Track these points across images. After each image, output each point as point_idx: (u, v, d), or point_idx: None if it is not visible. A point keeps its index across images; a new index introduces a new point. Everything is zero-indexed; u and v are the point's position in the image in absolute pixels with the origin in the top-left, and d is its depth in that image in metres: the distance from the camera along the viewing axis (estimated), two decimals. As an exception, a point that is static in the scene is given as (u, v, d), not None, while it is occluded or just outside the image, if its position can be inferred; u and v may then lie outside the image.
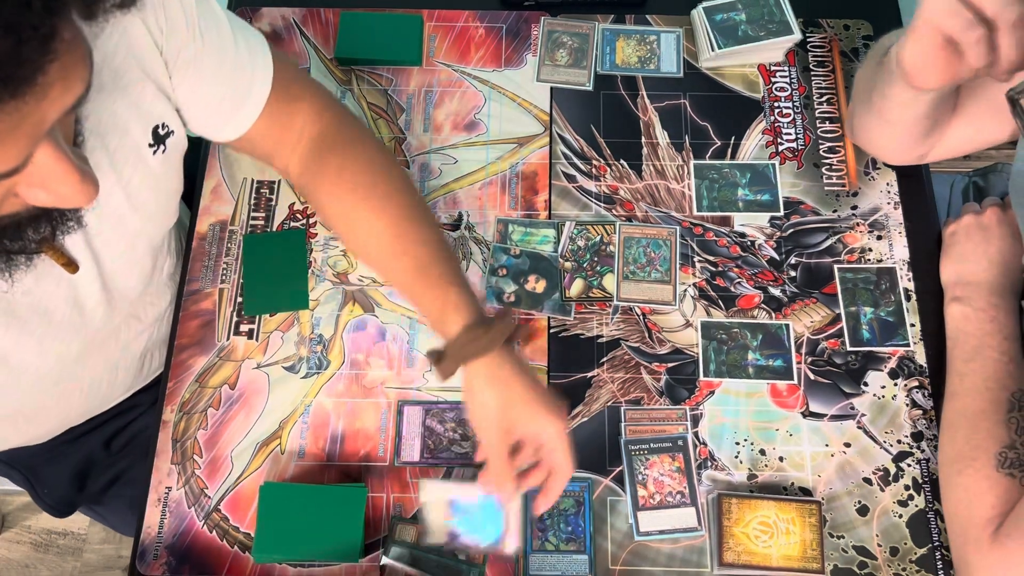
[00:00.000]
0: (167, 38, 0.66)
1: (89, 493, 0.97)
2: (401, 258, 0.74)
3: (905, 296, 0.85)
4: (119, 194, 0.67)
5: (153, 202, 0.71)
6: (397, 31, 0.97)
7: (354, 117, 0.82)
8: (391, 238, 0.75)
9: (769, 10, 0.95)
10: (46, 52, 0.42)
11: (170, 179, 0.73)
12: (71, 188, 0.49)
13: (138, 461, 0.94)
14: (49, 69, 0.42)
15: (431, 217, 0.79)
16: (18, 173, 0.46)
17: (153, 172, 0.69)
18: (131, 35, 0.63)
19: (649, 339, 0.84)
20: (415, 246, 0.75)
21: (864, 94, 0.82)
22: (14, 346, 0.64)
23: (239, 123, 0.75)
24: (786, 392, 0.82)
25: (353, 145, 0.79)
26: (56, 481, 0.94)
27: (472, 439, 0.80)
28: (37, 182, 0.48)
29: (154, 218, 0.73)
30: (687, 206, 0.90)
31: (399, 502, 0.78)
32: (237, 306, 0.86)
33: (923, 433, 0.80)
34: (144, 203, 0.70)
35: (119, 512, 0.99)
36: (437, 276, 0.73)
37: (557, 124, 0.95)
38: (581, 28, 0.99)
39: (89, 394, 0.84)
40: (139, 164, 0.67)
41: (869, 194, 0.91)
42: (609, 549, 0.76)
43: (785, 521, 0.75)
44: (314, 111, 0.79)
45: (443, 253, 0.76)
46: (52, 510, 0.97)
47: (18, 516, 1.57)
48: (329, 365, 0.83)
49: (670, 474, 0.78)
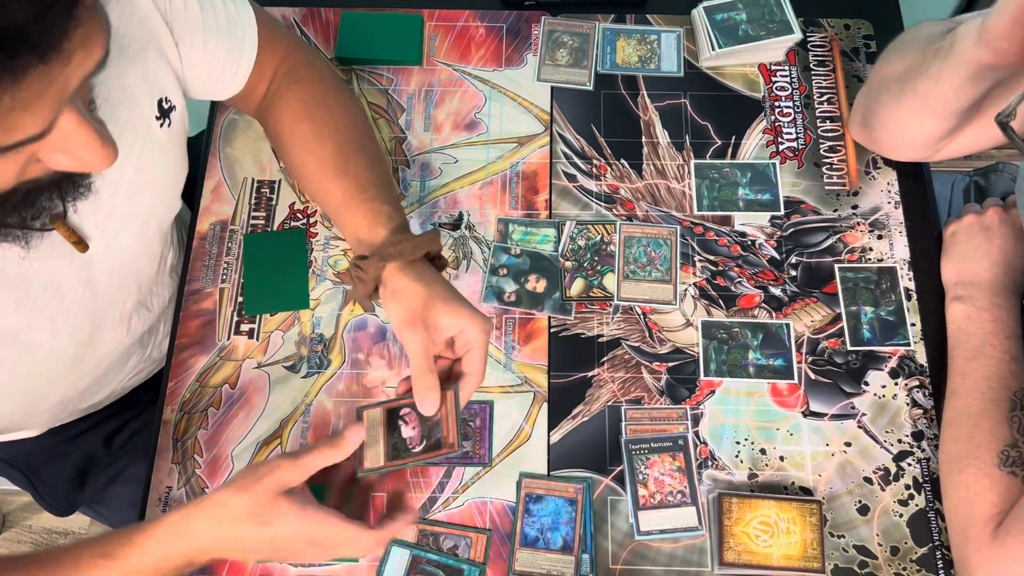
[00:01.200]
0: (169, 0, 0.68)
1: (89, 492, 0.97)
2: (341, 179, 0.76)
3: (906, 295, 0.85)
4: (131, 168, 0.68)
5: (162, 179, 0.72)
6: (397, 31, 0.97)
7: (324, 60, 0.85)
8: (335, 161, 0.77)
9: (769, 9, 0.95)
10: (71, 18, 0.43)
11: (176, 157, 0.74)
12: (93, 153, 0.50)
13: (138, 460, 0.94)
14: (73, 35, 0.44)
15: (381, 156, 0.82)
16: (43, 138, 0.47)
17: (162, 147, 0.70)
18: (135, 1, 0.65)
19: (649, 338, 0.84)
20: (359, 170, 0.77)
21: (895, 85, 0.81)
22: (26, 324, 0.65)
23: (241, 73, 0.78)
24: (786, 392, 0.82)
25: (317, 83, 0.81)
26: (57, 480, 0.94)
27: (472, 438, 0.80)
28: (60, 147, 0.49)
29: (164, 196, 0.74)
30: (688, 205, 0.90)
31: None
32: (238, 306, 0.86)
33: (924, 432, 0.80)
34: (154, 179, 0.71)
35: (119, 511, 0.99)
36: (373, 197, 0.75)
37: (557, 123, 0.95)
38: (581, 28, 0.99)
39: (101, 379, 0.85)
40: (148, 138, 0.68)
41: (870, 193, 0.90)
42: (609, 549, 0.76)
43: (786, 521, 0.75)
44: (288, 51, 0.82)
45: (386, 182, 0.78)
46: (53, 509, 0.97)
47: (19, 516, 1.57)
48: (330, 364, 0.83)
49: (670, 473, 0.78)
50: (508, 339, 0.84)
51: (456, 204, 0.91)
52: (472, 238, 0.89)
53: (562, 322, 0.85)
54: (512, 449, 0.80)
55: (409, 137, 0.94)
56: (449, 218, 0.90)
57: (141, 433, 0.95)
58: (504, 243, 0.88)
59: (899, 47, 0.83)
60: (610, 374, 0.83)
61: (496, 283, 0.86)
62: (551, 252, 0.88)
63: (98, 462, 0.95)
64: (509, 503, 0.77)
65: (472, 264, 0.88)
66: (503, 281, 0.86)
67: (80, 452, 0.93)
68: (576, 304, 0.86)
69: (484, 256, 0.88)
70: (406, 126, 0.95)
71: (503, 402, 0.81)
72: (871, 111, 0.86)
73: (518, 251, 0.88)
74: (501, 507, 0.77)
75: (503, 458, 0.79)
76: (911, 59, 0.79)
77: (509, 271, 0.87)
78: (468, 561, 0.74)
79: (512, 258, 0.87)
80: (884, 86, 0.83)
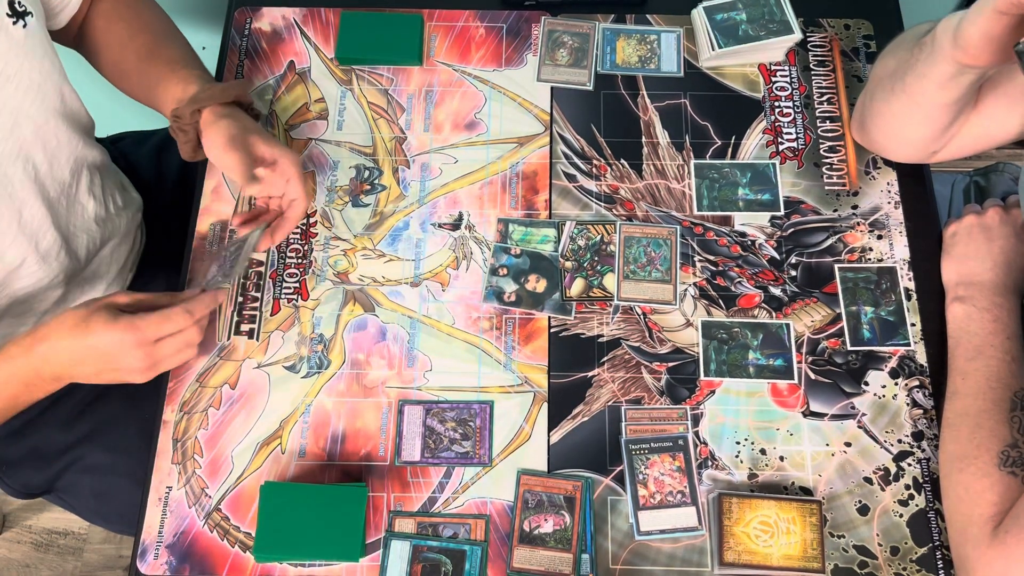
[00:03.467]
0: None
1: (48, 475, 0.96)
2: (155, 62, 0.86)
3: (906, 295, 0.85)
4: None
5: (27, 77, 0.76)
6: (397, 31, 0.97)
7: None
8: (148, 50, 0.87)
9: (769, 9, 0.95)
10: None
11: (42, 59, 0.78)
12: None
13: (98, 450, 0.94)
14: None
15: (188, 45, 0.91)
16: None
17: (18, 43, 0.74)
18: None
19: (649, 338, 0.84)
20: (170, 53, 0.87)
21: (887, 82, 0.81)
22: None
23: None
24: (787, 392, 0.82)
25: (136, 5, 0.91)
26: (13, 458, 0.95)
27: (472, 438, 0.80)
28: None
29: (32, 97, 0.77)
30: (687, 205, 0.90)
31: (399, 501, 0.78)
32: (237, 306, 0.86)
33: (924, 432, 0.80)
34: (16, 73, 0.75)
35: (83, 499, 0.99)
36: (184, 67, 0.85)
37: (557, 124, 0.95)
38: (581, 28, 0.99)
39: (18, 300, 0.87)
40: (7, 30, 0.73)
41: (870, 194, 0.90)
42: (610, 549, 0.76)
43: (786, 521, 0.75)
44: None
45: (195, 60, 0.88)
46: (10, 490, 0.98)
47: (19, 516, 1.57)
48: (330, 365, 0.83)
49: (670, 473, 0.78)
50: (508, 339, 0.84)
51: (456, 204, 0.91)
52: (472, 238, 0.89)
53: (562, 322, 0.85)
54: (512, 449, 0.80)
55: (409, 137, 0.94)
56: (449, 218, 0.90)
57: (109, 425, 0.95)
58: (504, 243, 0.88)
59: (893, 47, 0.84)
60: (610, 374, 0.83)
61: (496, 283, 0.86)
62: (551, 252, 0.88)
63: (57, 445, 0.95)
64: (509, 503, 0.77)
65: (472, 264, 0.88)
66: (503, 281, 0.86)
67: (39, 434, 0.93)
68: (576, 304, 0.86)
69: (484, 256, 0.88)
70: (406, 126, 0.95)
71: (503, 402, 0.81)
72: (867, 110, 0.86)
73: (518, 251, 0.88)
74: (501, 507, 0.77)
75: (503, 458, 0.79)
76: (902, 55, 0.80)
77: (509, 271, 0.87)
78: (469, 541, 0.74)
79: (512, 258, 0.87)
80: (879, 85, 0.84)
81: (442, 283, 0.87)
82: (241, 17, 1.01)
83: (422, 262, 0.88)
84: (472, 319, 0.85)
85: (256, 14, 1.01)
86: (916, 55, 0.77)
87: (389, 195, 0.91)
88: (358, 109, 0.96)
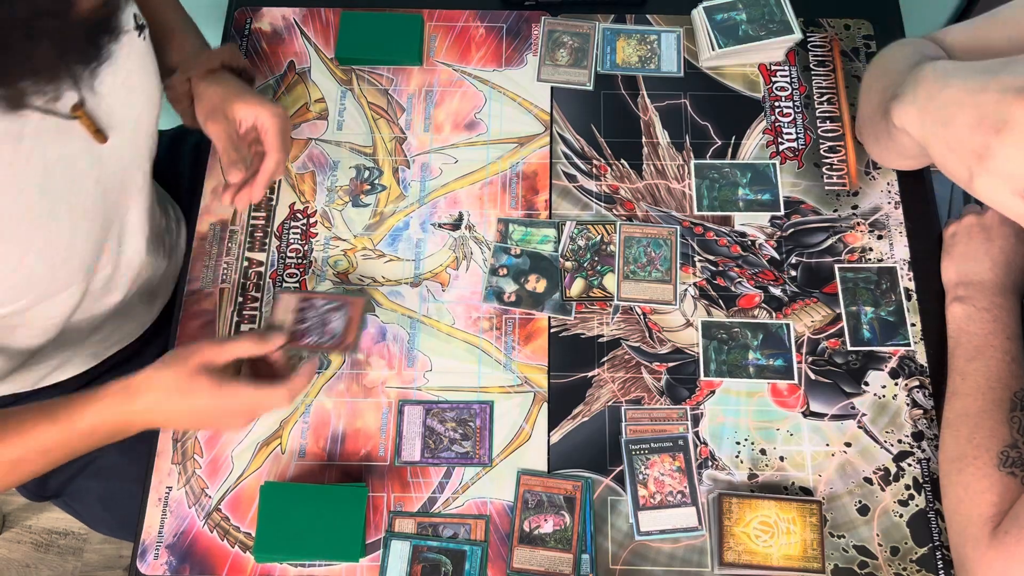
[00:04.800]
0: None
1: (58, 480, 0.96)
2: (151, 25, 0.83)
3: (906, 296, 0.85)
4: (122, 72, 0.72)
5: (147, 86, 0.77)
6: (397, 31, 0.97)
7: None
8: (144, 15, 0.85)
9: (770, 10, 0.95)
10: None
11: (154, 72, 0.79)
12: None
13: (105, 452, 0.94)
14: None
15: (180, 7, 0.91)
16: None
17: (144, 54, 0.76)
18: None
19: (649, 339, 0.84)
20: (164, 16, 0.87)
21: (869, 121, 0.82)
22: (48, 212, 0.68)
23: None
24: (787, 392, 0.82)
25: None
26: None
27: (472, 438, 0.80)
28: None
29: (147, 106, 0.78)
30: (688, 206, 0.90)
31: (399, 501, 0.78)
32: (237, 306, 0.86)
33: (924, 433, 0.80)
34: (139, 84, 0.75)
35: (89, 505, 0.98)
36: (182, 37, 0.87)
37: (557, 124, 0.95)
38: (581, 28, 0.99)
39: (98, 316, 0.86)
40: (132, 44, 0.74)
41: (870, 194, 0.90)
42: (610, 549, 0.76)
43: (786, 521, 0.75)
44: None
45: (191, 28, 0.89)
46: (32, 494, 0.97)
47: (19, 516, 1.57)
48: (330, 365, 0.83)
49: (671, 474, 0.78)
50: (508, 339, 0.84)
51: (456, 204, 0.91)
52: (472, 238, 0.89)
53: (562, 322, 0.85)
54: (512, 449, 0.80)
55: (409, 137, 0.94)
56: (449, 218, 0.90)
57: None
58: (504, 243, 0.88)
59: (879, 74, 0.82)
60: (610, 374, 0.83)
61: (496, 283, 0.86)
62: (551, 252, 0.88)
63: None
64: (509, 503, 0.77)
65: (472, 264, 0.88)
66: (503, 281, 0.86)
67: None
68: (576, 304, 0.86)
69: (484, 256, 0.88)
70: (406, 126, 0.95)
71: (503, 402, 0.82)
72: (864, 127, 0.87)
73: (518, 251, 0.88)
74: (501, 507, 0.78)
75: (503, 458, 0.79)
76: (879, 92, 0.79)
77: (509, 271, 0.87)
78: (469, 542, 0.74)
79: (512, 258, 0.87)
80: (867, 106, 0.84)
81: (442, 283, 0.87)
82: (241, 17, 1.01)
83: (422, 262, 0.88)
84: (472, 319, 0.85)
85: (256, 14, 1.01)
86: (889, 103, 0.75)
87: (389, 195, 0.91)
88: (358, 109, 0.96)
